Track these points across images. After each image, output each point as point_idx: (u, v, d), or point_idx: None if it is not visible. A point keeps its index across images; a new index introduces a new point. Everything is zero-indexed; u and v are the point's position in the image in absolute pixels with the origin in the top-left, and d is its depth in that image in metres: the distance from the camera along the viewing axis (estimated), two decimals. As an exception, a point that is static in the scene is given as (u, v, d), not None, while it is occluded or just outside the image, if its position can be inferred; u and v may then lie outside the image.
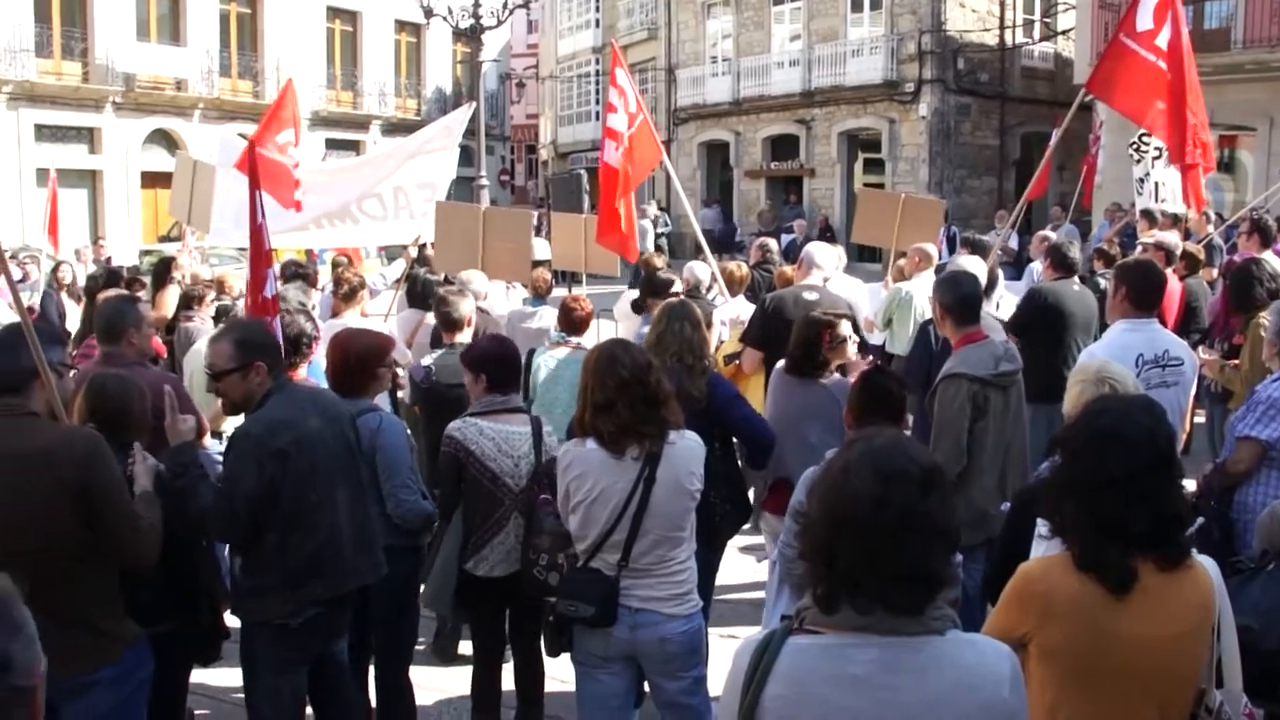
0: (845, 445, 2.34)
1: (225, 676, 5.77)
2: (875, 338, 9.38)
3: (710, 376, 5.44)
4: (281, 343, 5.03)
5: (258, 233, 5.67)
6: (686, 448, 4.29)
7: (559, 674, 5.36)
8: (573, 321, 7.19)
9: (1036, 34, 31.61)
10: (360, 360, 5.18)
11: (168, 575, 4.24)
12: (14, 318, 10.19)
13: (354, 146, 37.11)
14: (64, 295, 14.04)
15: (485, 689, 5.23)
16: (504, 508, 4.91)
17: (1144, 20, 8.02)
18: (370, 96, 39.13)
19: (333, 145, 36.46)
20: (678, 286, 8.23)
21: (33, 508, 3.68)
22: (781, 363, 5.95)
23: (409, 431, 5.48)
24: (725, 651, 5.66)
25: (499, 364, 5.13)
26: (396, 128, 37.15)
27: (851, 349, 5.92)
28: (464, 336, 6.62)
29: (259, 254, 5.65)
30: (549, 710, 5.43)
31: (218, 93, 33.87)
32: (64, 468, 3.71)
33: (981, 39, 29.99)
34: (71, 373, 4.21)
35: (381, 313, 9.58)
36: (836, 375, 5.79)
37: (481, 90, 23.81)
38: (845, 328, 5.84)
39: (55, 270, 14.73)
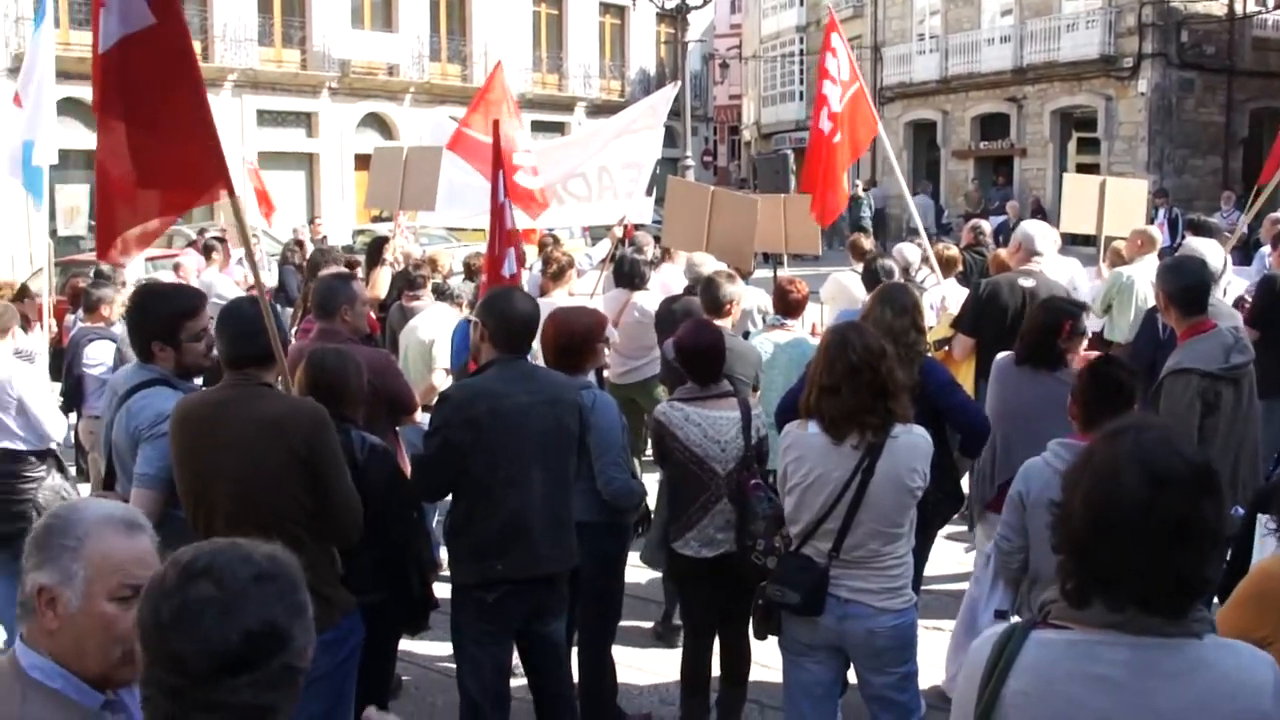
0: (1109, 436, 2.18)
1: (432, 646, 5.94)
2: (1093, 324, 9.00)
3: (924, 363, 5.27)
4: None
5: (500, 212, 5.62)
6: (911, 443, 4.15)
7: (763, 659, 5.32)
8: (789, 304, 7.08)
9: (1270, 1, 29.86)
10: (583, 337, 5.17)
11: (381, 546, 4.35)
12: (239, 294, 10.64)
13: (559, 128, 37.58)
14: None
15: (695, 672, 5.20)
16: (710, 491, 4.87)
17: None
18: (575, 79, 39.64)
19: (538, 127, 36.99)
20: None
21: (266, 473, 3.81)
22: (1005, 354, 5.65)
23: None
24: (931, 644, 5.58)
25: (690, 356, 5.09)
26: (601, 109, 37.54)
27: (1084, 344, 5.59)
28: (725, 321, 6.54)
29: (501, 233, 5.61)
30: (751, 695, 5.39)
31: (428, 77, 34.81)
32: (293, 436, 3.83)
33: (1208, 9, 28.53)
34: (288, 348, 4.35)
35: (586, 292, 9.64)
36: (1072, 368, 5.49)
37: (686, 71, 23.80)
38: (1085, 320, 5.56)
39: (297, 247, 15.31)
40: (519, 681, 4.81)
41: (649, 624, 6.58)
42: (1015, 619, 3.64)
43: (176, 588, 1.80)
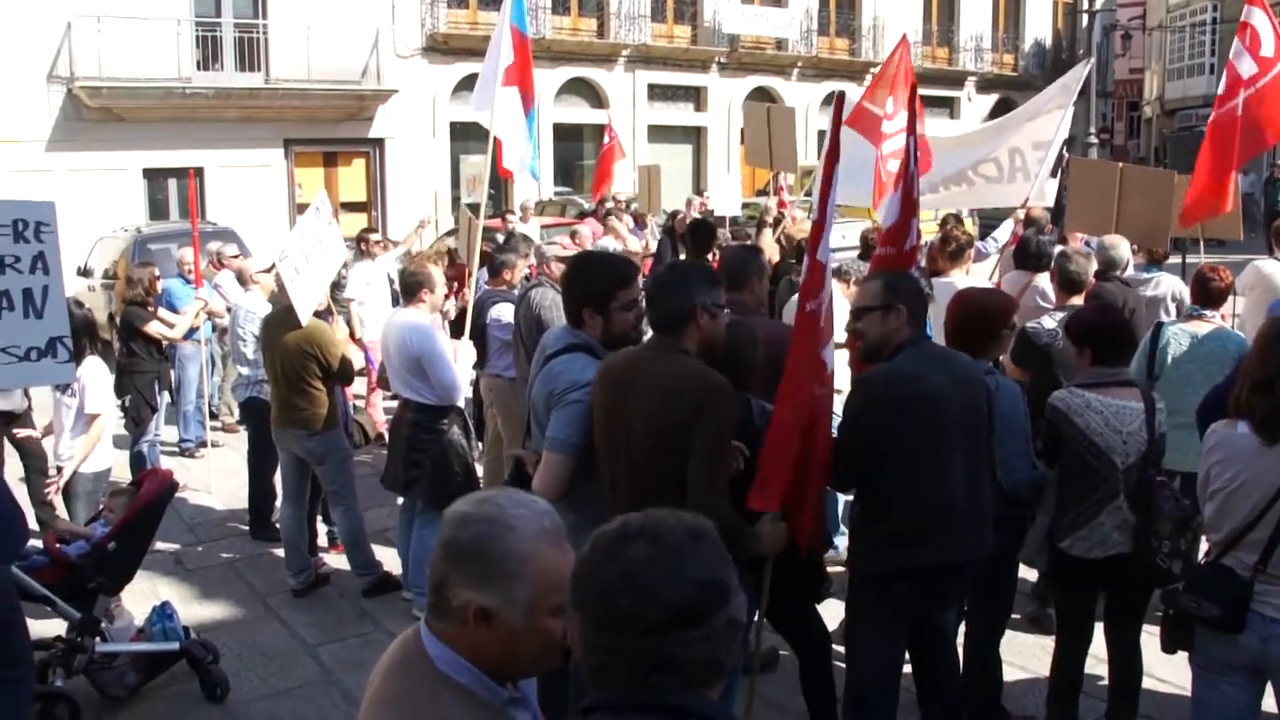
0: None
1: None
2: None
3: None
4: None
5: (909, 183, 5.44)
6: None
7: (1158, 671, 5.10)
8: (1209, 293, 6.62)
9: None
10: (983, 318, 4.96)
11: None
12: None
13: (948, 104, 36.66)
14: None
15: (1068, 676, 4.93)
16: (1107, 486, 4.57)
17: None
18: (966, 52, 38.38)
19: (925, 103, 36.05)
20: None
21: (661, 435, 3.86)
22: None
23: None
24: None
25: (1105, 336, 4.79)
26: (992, 84, 36.34)
27: None
28: (1079, 299, 6.26)
29: (907, 203, 5.42)
30: (1141, 709, 5.04)
31: (815, 51, 34.70)
32: (685, 400, 3.86)
33: None
34: (725, 313, 4.31)
35: (984, 274, 9.33)
36: None
37: (1093, 43, 22.61)
38: None
39: (674, 218, 15.74)
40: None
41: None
42: None
43: (616, 549, 1.82)
